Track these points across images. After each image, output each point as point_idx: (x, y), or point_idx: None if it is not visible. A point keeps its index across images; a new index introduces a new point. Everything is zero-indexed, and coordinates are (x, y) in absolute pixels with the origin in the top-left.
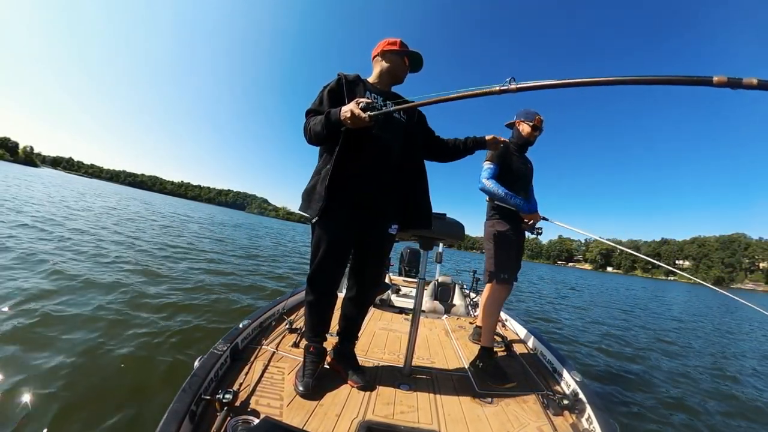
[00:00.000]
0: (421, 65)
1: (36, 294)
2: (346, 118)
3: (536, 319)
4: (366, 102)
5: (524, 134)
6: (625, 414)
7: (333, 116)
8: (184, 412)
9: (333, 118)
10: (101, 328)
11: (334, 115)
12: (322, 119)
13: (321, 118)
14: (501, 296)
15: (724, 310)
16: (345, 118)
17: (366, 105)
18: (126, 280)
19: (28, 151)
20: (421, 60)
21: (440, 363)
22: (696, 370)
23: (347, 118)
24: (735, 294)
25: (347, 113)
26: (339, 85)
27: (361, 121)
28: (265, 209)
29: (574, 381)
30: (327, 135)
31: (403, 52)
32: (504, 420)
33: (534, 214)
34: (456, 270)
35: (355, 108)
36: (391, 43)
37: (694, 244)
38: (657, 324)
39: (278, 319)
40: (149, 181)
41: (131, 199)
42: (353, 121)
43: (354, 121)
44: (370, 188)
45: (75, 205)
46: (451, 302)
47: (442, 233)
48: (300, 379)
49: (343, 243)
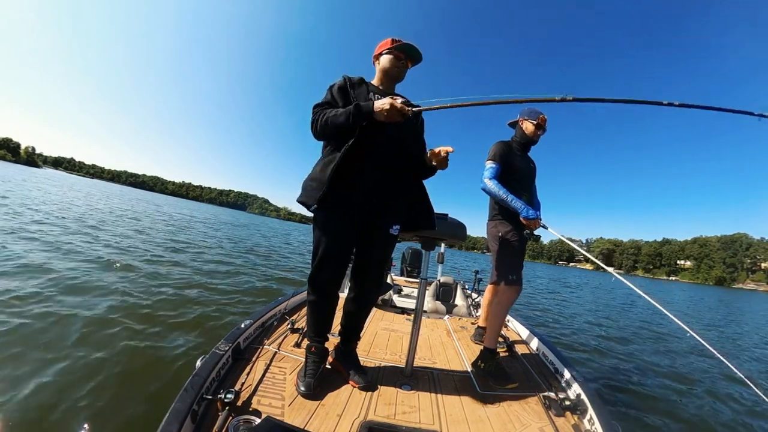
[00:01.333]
0: (418, 56)
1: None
2: (383, 110)
3: (538, 322)
4: (403, 99)
5: (528, 133)
6: (627, 415)
7: (365, 108)
8: (185, 412)
9: (365, 109)
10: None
11: (367, 107)
12: (350, 110)
13: (347, 109)
14: (510, 298)
15: (727, 311)
16: (381, 110)
17: (405, 101)
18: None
19: (30, 152)
20: (417, 50)
21: (442, 363)
22: (700, 370)
23: (384, 110)
24: (736, 294)
25: (385, 105)
26: (346, 84)
27: (399, 115)
28: (266, 209)
29: (576, 382)
30: (352, 126)
31: (395, 47)
32: (506, 420)
33: (533, 221)
34: (457, 270)
35: (395, 102)
36: (383, 44)
37: (695, 244)
38: (659, 324)
39: (280, 319)
40: (151, 182)
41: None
42: (390, 114)
43: (391, 114)
44: (374, 187)
45: (100, 206)
46: (453, 302)
47: (445, 234)
48: (302, 379)
49: (344, 242)
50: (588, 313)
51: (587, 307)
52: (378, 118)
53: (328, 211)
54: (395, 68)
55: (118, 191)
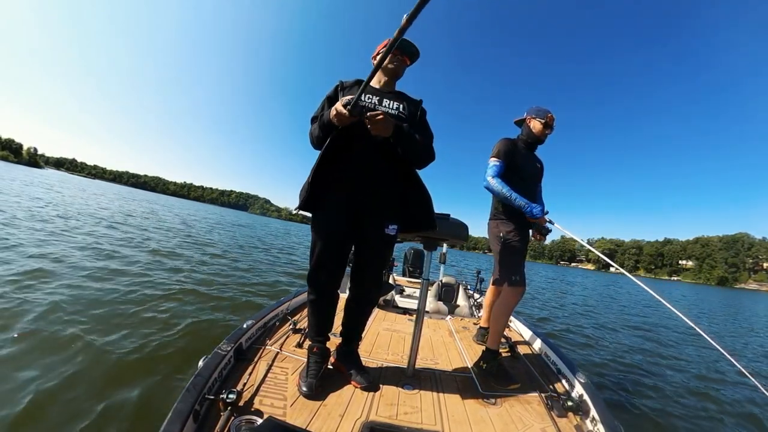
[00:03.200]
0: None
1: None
2: (333, 116)
3: (540, 321)
4: (348, 99)
5: (535, 132)
6: (629, 416)
7: (325, 118)
8: (188, 412)
9: (325, 119)
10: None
11: (326, 117)
12: (318, 122)
13: (318, 122)
14: (513, 299)
15: (734, 311)
16: (332, 117)
17: (348, 101)
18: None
19: (32, 153)
20: (412, 45)
21: (444, 364)
22: (706, 369)
23: (334, 116)
24: (738, 294)
25: (333, 112)
26: (336, 91)
27: (344, 116)
28: (267, 210)
29: (578, 382)
30: (324, 137)
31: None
32: (508, 421)
33: (539, 219)
34: (458, 270)
35: (338, 105)
36: (381, 45)
37: (697, 244)
38: (662, 323)
39: (282, 319)
40: (152, 182)
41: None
42: (338, 118)
43: (339, 118)
44: (359, 185)
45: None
46: (455, 303)
47: (446, 234)
48: (303, 379)
49: (338, 239)
50: (588, 313)
51: (586, 307)
52: (335, 123)
53: (322, 212)
54: (392, 61)
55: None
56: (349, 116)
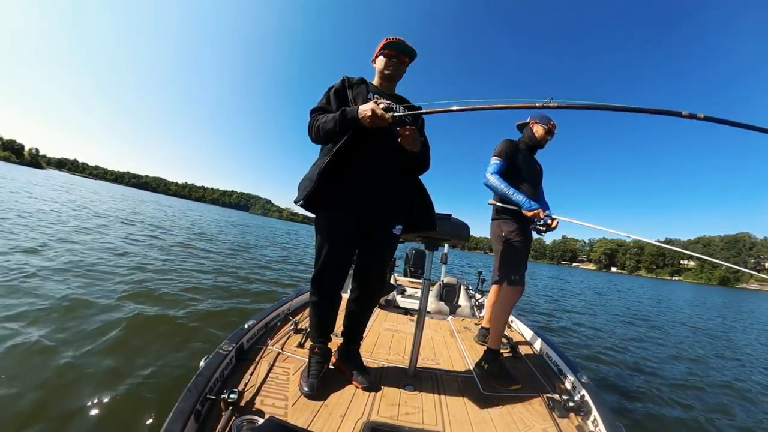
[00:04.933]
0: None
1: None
2: (366, 116)
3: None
4: (387, 103)
5: (537, 136)
6: (631, 416)
7: (349, 114)
8: (189, 412)
9: (349, 115)
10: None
11: (351, 113)
12: (336, 116)
13: (334, 115)
14: (512, 299)
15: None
16: (364, 116)
17: (387, 106)
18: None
19: (34, 153)
20: (407, 46)
21: (445, 364)
22: (709, 372)
23: (366, 116)
24: (740, 294)
25: (367, 111)
26: (343, 85)
27: (381, 120)
28: (268, 210)
29: (580, 383)
30: (340, 132)
31: (385, 45)
32: (509, 422)
33: (536, 211)
34: (459, 270)
35: (376, 108)
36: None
37: (698, 244)
38: (665, 324)
39: (283, 319)
40: (153, 183)
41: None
42: (373, 119)
43: (374, 120)
44: (375, 189)
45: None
46: (457, 303)
47: (447, 234)
48: (305, 379)
49: (346, 242)
50: (590, 314)
51: (587, 307)
52: (363, 123)
53: (328, 212)
54: (389, 67)
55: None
56: (388, 123)
